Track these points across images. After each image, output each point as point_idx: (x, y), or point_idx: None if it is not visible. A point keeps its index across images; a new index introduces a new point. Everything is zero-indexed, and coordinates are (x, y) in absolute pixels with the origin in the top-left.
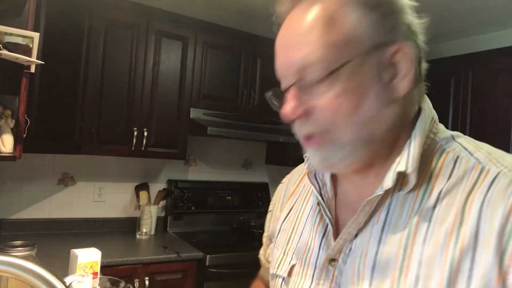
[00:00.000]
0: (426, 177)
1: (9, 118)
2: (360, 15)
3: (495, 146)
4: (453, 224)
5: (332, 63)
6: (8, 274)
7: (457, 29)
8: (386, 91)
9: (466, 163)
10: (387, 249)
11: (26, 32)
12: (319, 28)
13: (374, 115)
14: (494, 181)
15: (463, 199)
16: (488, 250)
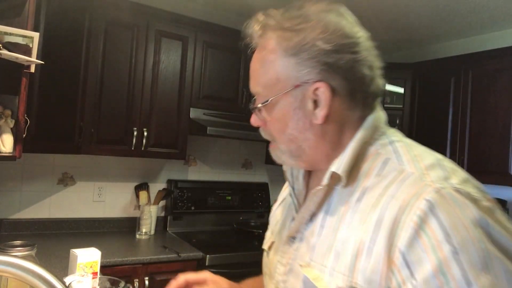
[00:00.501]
0: (358, 176)
1: (9, 118)
2: (283, 61)
3: (495, 146)
4: (367, 213)
5: (265, 97)
6: (8, 274)
7: (457, 29)
8: (308, 118)
9: (392, 164)
10: (324, 232)
11: (26, 32)
12: (259, 71)
13: (297, 135)
14: (405, 180)
15: (380, 193)
16: (384, 234)
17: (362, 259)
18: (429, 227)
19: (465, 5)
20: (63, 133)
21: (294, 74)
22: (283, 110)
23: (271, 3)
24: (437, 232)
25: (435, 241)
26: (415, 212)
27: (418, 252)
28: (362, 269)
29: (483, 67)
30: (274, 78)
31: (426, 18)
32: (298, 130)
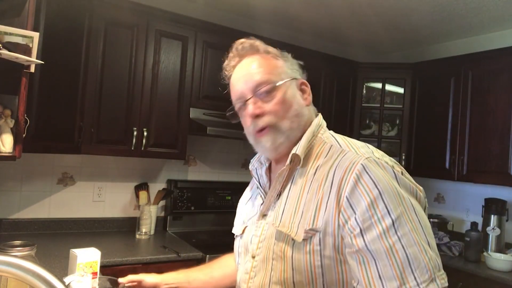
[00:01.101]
0: (312, 158)
1: (8, 117)
2: (282, 59)
3: (494, 146)
4: (321, 181)
5: (274, 82)
6: (7, 274)
7: (457, 30)
8: (301, 101)
9: (335, 148)
10: (290, 201)
11: (26, 32)
12: (263, 65)
13: (299, 112)
14: (345, 155)
15: (329, 167)
16: (335, 189)
17: (322, 210)
18: (363, 179)
19: (465, 5)
20: (63, 133)
21: (291, 70)
22: (289, 92)
23: (271, 3)
24: (369, 182)
25: (368, 188)
26: (353, 171)
27: (357, 196)
28: (321, 216)
29: (483, 67)
30: (280, 69)
31: (426, 18)
32: (300, 106)
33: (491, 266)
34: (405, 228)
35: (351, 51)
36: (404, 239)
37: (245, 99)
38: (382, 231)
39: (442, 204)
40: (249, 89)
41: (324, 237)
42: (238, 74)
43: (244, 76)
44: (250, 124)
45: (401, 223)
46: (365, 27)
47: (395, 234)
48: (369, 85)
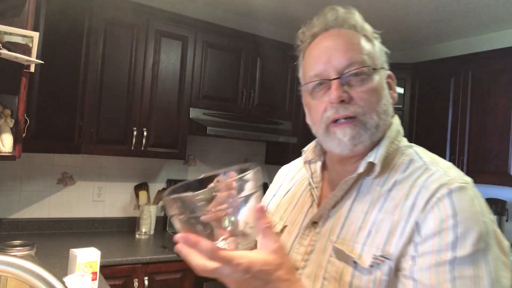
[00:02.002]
0: (388, 169)
1: (8, 117)
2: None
3: (494, 146)
4: (399, 200)
5: (369, 65)
6: (7, 274)
7: (457, 30)
8: (389, 96)
9: (417, 163)
10: (353, 214)
11: (26, 32)
12: (358, 43)
13: (387, 109)
14: (431, 175)
15: (410, 185)
16: (414, 217)
17: (396, 235)
18: (442, 204)
19: (465, 5)
20: (63, 132)
21: (381, 58)
22: (380, 82)
23: (271, 3)
24: (447, 209)
25: (443, 215)
26: (443, 197)
27: (428, 221)
28: (395, 242)
29: (483, 67)
30: (374, 52)
31: (426, 18)
32: (388, 103)
33: None
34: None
35: None
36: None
37: (326, 78)
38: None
39: None
40: (334, 68)
41: (394, 268)
42: (322, 45)
43: (332, 50)
44: (327, 110)
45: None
46: None
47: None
48: None
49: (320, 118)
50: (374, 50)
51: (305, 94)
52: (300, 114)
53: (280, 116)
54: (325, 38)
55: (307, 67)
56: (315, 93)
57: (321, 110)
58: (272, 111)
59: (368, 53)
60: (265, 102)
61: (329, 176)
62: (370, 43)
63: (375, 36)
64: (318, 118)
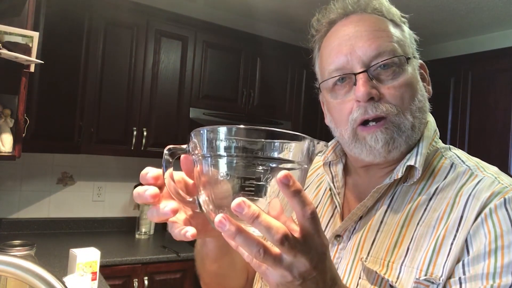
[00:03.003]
0: (427, 175)
1: (8, 117)
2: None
3: (494, 146)
4: (444, 211)
5: (402, 54)
6: (7, 274)
7: (457, 30)
8: (423, 89)
9: (460, 168)
10: (386, 228)
11: (26, 32)
12: (386, 30)
13: (423, 105)
14: (480, 182)
15: (455, 194)
16: (466, 230)
17: (443, 254)
18: (496, 216)
19: (465, 5)
20: (63, 132)
21: (411, 46)
22: (412, 75)
23: (271, 3)
24: (504, 223)
25: (499, 230)
26: (502, 206)
27: (480, 237)
28: (442, 262)
29: (483, 67)
30: (406, 41)
31: (426, 18)
32: (423, 99)
33: None
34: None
35: None
36: None
37: (350, 72)
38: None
39: None
40: (359, 59)
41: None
42: (342, 33)
43: (355, 39)
44: (353, 111)
45: None
46: None
47: None
48: None
49: (345, 121)
50: (404, 37)
51: (324, 92)
52: (300, 114)
53: (280, 116)
54: (345, 25)
55: (325, 61)
56: (337, 90)
57: (346, 111)
58: (272, 111)
59: (399, 40)
60: (265, 102)
61: (353, 181)
62: (399, 29)
63: (403, 20)
64: (342, 120)
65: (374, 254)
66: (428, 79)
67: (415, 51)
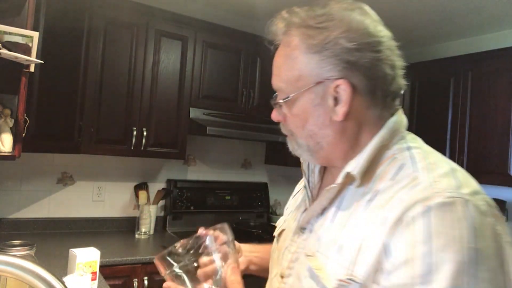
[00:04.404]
0: (372, 178)
1: (8, 117)
2: (306, 58)
3: (495, 146)
4: (375, 213)
5: (287, 93)
6: (7, 274)
7: (456, 30)
8: (328, 114)
9: (407, 170)
10: (333, 226)
11: (26, 31)
12: (283, 67)
13: (317, 131)
14: (416, 186)
15: (390, 197)
16: (385, 231)
17: (365, 253)
18: (414, 226)
19: (465, 5)
20: (63, 132)
21: (316, 71)
22: (304, 106)
23: (271, 3)
24: (420, 232)
25: (415, 239)
26: (412, 212)
27: (398, 245)
28: (362, 262)
29: (483, 67)
30: (296, 75)
31: (426, 18)
32: (318, 126)
33: None
34: None
35: None
36: None
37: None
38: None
39: None
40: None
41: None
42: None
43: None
44: None
45: None
46: None
47: None
48: None
49: None
50: (303, 68)
51: None
52: None
53: None
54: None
55: None
56: None
57: None
58: (272, 111)
59: (289, 76)
60: (265, 102)
61: (326, 179)
62: (304, 58)
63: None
64: None
65: (320, 250)
66: (345, 98)
67: (334, 69)
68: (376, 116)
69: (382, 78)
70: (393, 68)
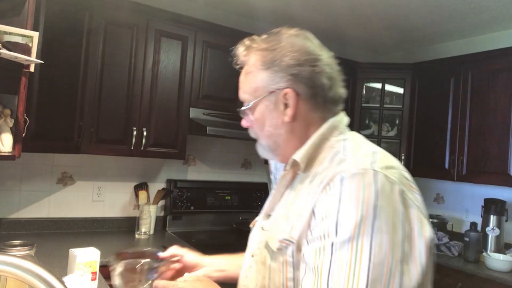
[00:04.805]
0: (315, 164)
1: (8, 117)
2: (261, 74)
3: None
4: (310, 191)
5: (249, 102)
6: (7, 274)
7: (456, 30)
8: (280, 117)
9: (339, 155)
10: (285, 205)
11: (26, 31)
12: (245, 82)
13: (272, 131)
14: (341, 164)
15: (322, 178)
16: (312, 202)
17: (300, 220)
18: (332, 192)
19: (465, 5)
20: (63, 132)
21: (269, 83)
22: (262, 111)
23: (271, 3)
24: (334, 195)
25: (331, 201)
26: (334, 183)
27: (319, 207)
28: (298, 226)
29: (483, 67)
30: (255, 87)
31: (426, 18)
32: (273, 127)
33: (490, 267)
34: (344, 255)
35: (351, 51)
36: (334, 266)
37: None
38: (319, 247)
39: (441, 204)
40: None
41: (297, 249)
42: None
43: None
44: None
45: (343, 249)
46: (365, 27)
47: (329, 255)
48: (369, 85)
49: None
50: (259, 81)
51: None
52: None
53: None
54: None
55: None
56: None
57: None
58: None
59: (250, 89)
60: None
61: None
62: (259, 75)
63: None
64: None
65: (273, 226)
66: (292, 103)
67: (282, 80)
68: (319, 118)
69: (320, 87)
70: (330, 79)
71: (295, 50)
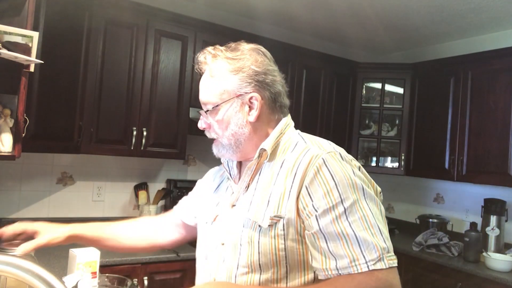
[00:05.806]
0: (278, 153)
1: (8, 117)
2: (229, 78)
3: (494, 146)
4: (287, 173)
5: (214, 103)
6: (7, 274)
7: (456, 30)
8: (245, 118)
9: (301, 145)
10: (258, 192)
11: (26, 31)
12: (211, 85)
13: (237, 131)
14: (309, 151)
15: (294, 161)
16: (298, 180)
17: (285, 199)
18: (322, 171)
19: (465, 5)
20: (63, 132)
21: (237, 87)
22: (227, 113)
23: (271, 3)
24: (326, 174)
25: (325, 179)
26: (315, 164)
27: (315, 186)
28: (285, 204)
29: (483, 67)
30: (222, 90)
31: (426, 18)
32: (238, 126)
33: (490, 267)
34: (355, 215)
35: (351, 51)
36: (354, 224)
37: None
38: (335, 217)
39: (441, 204)
40: (202, 102)
41: (287, 223)
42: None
43: (200, 90)
44: None
45: (352, 211)
46: (365, 27)
47: (346, 220)
48: (369, 85)
49: None
50: (225, 85)
51: None
52: (300, 114)
53: None
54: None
55: None
56: None
57: None
58: None
59: (215, 92)
60: None
61: (242, 171)
62: (224, 79)
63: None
64: None
65: (251, 210)
66: (257, 106)
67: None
68: (276, 119)
69: (278, 93)
70: (283, 87)
71: (259, 61)
